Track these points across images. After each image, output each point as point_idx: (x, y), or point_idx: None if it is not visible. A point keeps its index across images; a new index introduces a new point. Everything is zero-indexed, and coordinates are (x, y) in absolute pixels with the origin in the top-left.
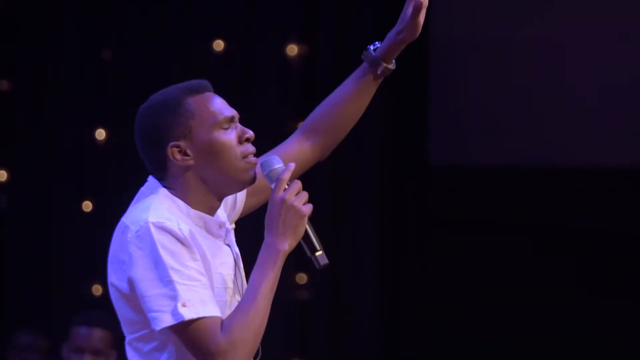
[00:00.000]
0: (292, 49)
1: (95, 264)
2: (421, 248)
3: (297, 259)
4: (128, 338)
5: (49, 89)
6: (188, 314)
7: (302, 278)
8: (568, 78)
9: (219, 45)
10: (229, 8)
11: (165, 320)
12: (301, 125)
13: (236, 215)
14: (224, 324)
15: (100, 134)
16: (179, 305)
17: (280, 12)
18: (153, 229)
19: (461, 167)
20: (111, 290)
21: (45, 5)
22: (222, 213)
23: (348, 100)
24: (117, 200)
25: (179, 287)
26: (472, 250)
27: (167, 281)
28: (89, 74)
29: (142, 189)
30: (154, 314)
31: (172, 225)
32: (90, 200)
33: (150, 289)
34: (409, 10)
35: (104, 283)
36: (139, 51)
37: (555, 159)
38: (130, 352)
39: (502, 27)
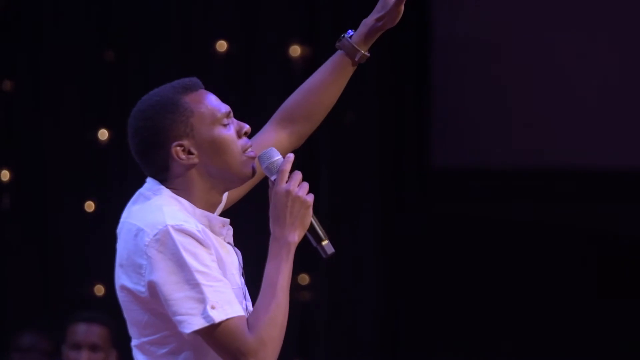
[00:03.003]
0: (295, 50)
1: (97, 264)
2: (423, 251)
3: (299, 259)
4: (138, 341)
5: (52, 90)
6: (218, 315)
7: (304, 279)
8: (571, 79)
9: (222, 46)
10: (232, 9)
11: (196, 323)
12: (275, 114)
13: (220, 210)
14: (250, 323)
15: (103, 134)
16: (208, 307)
17: (283, 13)
18: (173, 232)
19: (463, 170)
20: (122, 294)
21: (48, 5)
22: None
23: (324, 89)
24: (119, 201)
25: (205, 290)
26: (475, 253)
27: (193, 284)
28: (92, 74)
29: (142, 190)
30: (181, 317)
31: (190, 226)
32: (92, 201)
33: (175, 292)
34: None
35: (106, 283)
36: (142, 52)
37: (559, 161)
38: (140, 356)
39: (505, 28)
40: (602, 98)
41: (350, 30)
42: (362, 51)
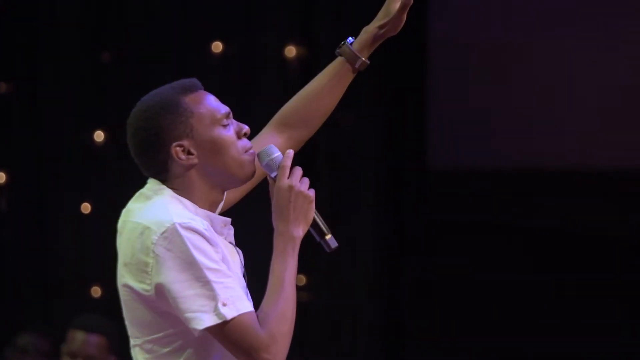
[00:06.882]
0: (291, 51)
1: (94, 266)
2: (421, 252)
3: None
4: (139, 340)
5: (48, 91)
6: (229, 312)
7: (300, 280)
8: (568, 80)
9: (217, 47)
10: (227, 10)
11: (208, 320)
12: (274, 118)
13: (218, 211)
14: (260, 319)
15: (99, 135)
16: (220, 304)
17: (279, 13)
18: (181, 229)
19: (460, 171)
20: (124, 292)
21: (44, 6)
22: None
23: (323, 95)
24: (116, 203)
25: (216, 287)
26: (472, 254)
27: (204, 281)
28: (88, 76)
29: (143, 190)
30: (192, 315)
31: (197, 224)
32: (89, 203)
33: (186, 289)
34: (395, 5)
35: (103, 285)
36: (138, 53)
37: (556, 162)
38: (140, 355)
39: (501, 29)
40: (602, 98)
41: (350, 38)
42: (363, 58)
